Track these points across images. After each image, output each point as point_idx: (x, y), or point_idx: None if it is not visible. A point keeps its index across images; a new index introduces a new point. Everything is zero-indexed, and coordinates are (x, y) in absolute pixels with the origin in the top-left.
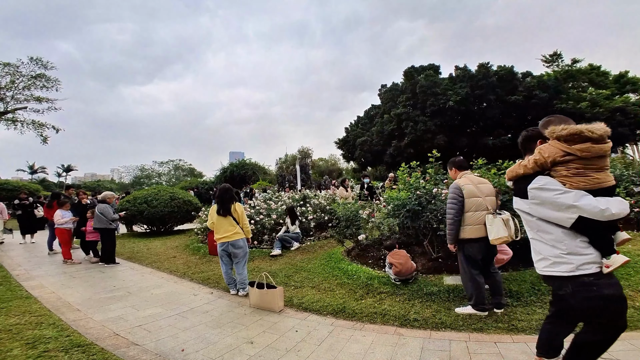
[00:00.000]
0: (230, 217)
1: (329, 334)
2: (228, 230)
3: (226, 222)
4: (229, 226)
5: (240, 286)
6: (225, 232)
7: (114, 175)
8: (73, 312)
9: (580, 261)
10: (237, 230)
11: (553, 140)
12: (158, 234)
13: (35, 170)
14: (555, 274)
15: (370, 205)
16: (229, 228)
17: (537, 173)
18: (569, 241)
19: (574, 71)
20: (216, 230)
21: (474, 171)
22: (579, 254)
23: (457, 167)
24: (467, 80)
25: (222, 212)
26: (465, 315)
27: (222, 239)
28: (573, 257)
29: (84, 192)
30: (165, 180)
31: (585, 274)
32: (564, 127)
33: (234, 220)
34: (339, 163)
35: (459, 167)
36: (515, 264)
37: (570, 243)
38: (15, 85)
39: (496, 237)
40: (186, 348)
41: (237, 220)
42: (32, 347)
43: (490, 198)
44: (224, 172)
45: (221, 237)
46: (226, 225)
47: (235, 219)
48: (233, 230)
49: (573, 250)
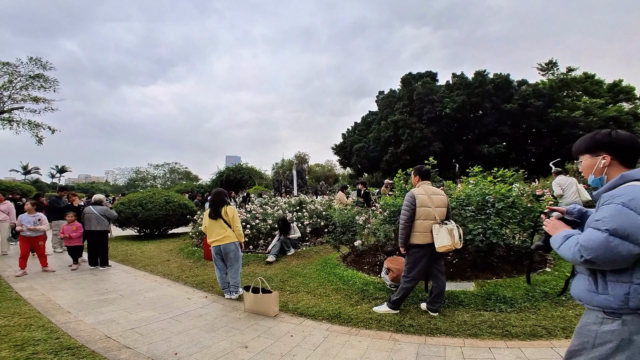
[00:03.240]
0: (221, 220)
1: (325, 339)
2: (219, 233)
3: (217, 226)
4: (220, 229)
5: (233, 289)
6: (217, 235)
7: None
8: (63, 314)
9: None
10: (229, 234)
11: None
12: (152, 237)
13: (28, 171)
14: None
15: (366, 212)
16: (220, 231)
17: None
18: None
19: (568, 80)
20: (208, 233)
21: (469, 178)
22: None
23: (420, 175)
24: (464, 88)
25: (213, 215)
26: (460, 322)
27: (214, 242)
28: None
29: (73, 194)
30: (161, 183)
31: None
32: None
33: (225, 224)
34: (335, 169)
35: (422, 176)
36: (509, 271)
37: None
38: (13, 85)
39: (441, 245)
40: (179, 352)
41: (229, 224)
42: (21, 349)
43: (440, 209)
44: (220, 176)
45: (213, 241)
46: (218, 229)
47: (227, 222)
48: (224, 234)
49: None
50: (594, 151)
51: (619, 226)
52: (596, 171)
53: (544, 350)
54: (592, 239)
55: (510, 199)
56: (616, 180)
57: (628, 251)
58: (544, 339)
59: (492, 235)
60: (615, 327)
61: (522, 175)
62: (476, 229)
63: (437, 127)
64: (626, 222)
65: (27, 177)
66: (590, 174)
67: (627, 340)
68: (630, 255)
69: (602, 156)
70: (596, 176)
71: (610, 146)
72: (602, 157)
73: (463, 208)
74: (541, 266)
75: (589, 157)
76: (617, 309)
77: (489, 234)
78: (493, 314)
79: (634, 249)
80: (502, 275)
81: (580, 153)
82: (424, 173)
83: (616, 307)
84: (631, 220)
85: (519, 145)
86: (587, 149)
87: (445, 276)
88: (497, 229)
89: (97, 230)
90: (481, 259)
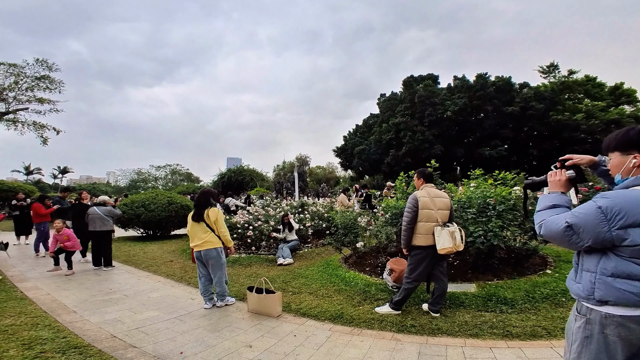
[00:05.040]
0: (203, 223)
1: (327, 339)
2: (200, 237)
3: (199, 229)
4: (201, 233)
5: (219, 297)
6: (198, 240)
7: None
8: (69, 314)
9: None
10: (210, 238)
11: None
12: (155, 238)
13: (30, 172)
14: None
15: (368, 214)
16: (201, 236)
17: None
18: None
19: (570, 82)
20: (190, 237)
21: (470, 181)
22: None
23: (425, 178)
24: (465, 90)
25: (195, 217)
26: (461, 322)
27: (195, 247)
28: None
29: (83, 193)
30: (162, 184)
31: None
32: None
33: (207, 227)
34: (336, 171)
35: (426, 178)
36: (509, 273)
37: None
38: (19, 86)
39: (442, 247)
40: (185, 351)
41: (212, 228)
42: (29, 348)
43: (442, 211)
44: (221, 177)
45: (194, 245)
46: (199, 233)
47: (209, 226)
48: (204, 238)
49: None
50: (625, 149)
51: (579, 223)
52: (624, 171)
53: (544, 350)
54: (556, 224)
55: (511, 201)
56: (632, 180)
57: (576, 242)
58: (544, 339)
59: (493, 238)
60: (581, 324)
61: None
62: (477, 231)
63: (438, 129)
64: (589, 222)
65: (29, 178)
66: (618, 172)
67: (589, 338)
68: (577, 245)
69: (634, 155)
70: (623, 176)
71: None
72: (633, 156)
73: (464, 210)
74: (542, 268)
75: (619, 155)
76: (585, 298)
77: (489, 236)
78: (494, 314)
79: (580, 243)
80: (503, 277)
81: (610, 150)
82: (427, 176)
83: (584, 296)
84: (594, 222)
85: (521, 148)
86: (618, 146)
87: (447, 278)
88: (498, 231)
89: (101, 230)
90: (482, 260)
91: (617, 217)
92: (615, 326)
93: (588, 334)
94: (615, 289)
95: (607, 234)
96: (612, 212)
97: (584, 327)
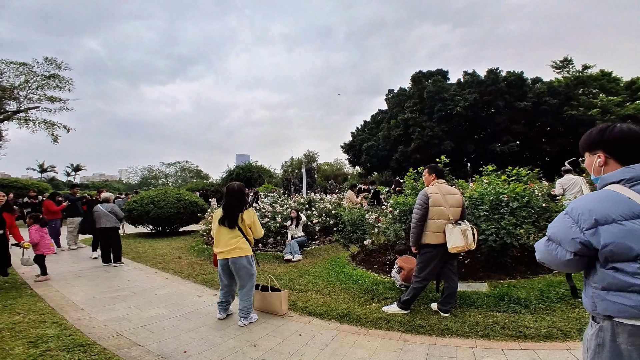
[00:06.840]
0: (236, 228)
1: (333, 339)
2: (228, 243)
3: (228, 234)
4: (230, 239)
5: (243, 315)
6: (225, 245)
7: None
8: (77, 311)
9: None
10: (240, 244)
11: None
12: (164, 234)
13: (44, 169)
14: None
15: (376, 210)
16: (229, 241)
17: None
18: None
19: (584, 77)
20: (215, 241)
21: (483, 177)
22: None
23: (436, 173)
24: (476, 85)
25: (227, 223)
26: (472, 322)
27: (221, 254)
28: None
29: (101, 190)
30: (172, 181)
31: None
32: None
33: (239, 232)
34: (344, 167)
35: (437, 174)
36: (523, 272)
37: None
38: (29, 85)
39: (453, 245)
40: (189, 349)
41: (244, 232)
42: (34, 346)
43: (454, 209)
44: (230, 174)
45: (219, 252)
46: (227, 238)
47: (242, 231)
48: (234, 244)
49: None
50: (591, 149)
51: (555, 232)
52: (594, 170)
53: (559, 353)
54: (540, 242)
55: (525, 198)
56: (599, 184)
57: (562, 256)
58: (559, 340)
59: (506, 235)
60: (594, 332)
61: (536, 174)
62: (489, 228)
63: (448, 125)
64: (561, 229)
65: (43, 176)
66: (591, 172)
67: (602, 346)
68: (564, 260)
69: (598, 154)
70: (595, 175)
71: (604, 144)
72: (597, 155)
73: (476, 207)
74: None
75: (589, 155)
76: (591, 312)
77: (502, 234)
78: (506, 315)
79: (565, 255)
80: (516, 276)
81: (582, 151)
82: (439, 171)
83: (590, 310)
84: (565, 227)
85: (533, 144)
86: (585, 146)
87: (457, 277)
88: (511, 229)
89: (107, 227)
90: (494, 259)
91: (583, 218)
92: (628, 335)
93: (600, 341)
94: (611, 303)
95: (582, 238)
96: (577, 214)
97: (597, 335)
